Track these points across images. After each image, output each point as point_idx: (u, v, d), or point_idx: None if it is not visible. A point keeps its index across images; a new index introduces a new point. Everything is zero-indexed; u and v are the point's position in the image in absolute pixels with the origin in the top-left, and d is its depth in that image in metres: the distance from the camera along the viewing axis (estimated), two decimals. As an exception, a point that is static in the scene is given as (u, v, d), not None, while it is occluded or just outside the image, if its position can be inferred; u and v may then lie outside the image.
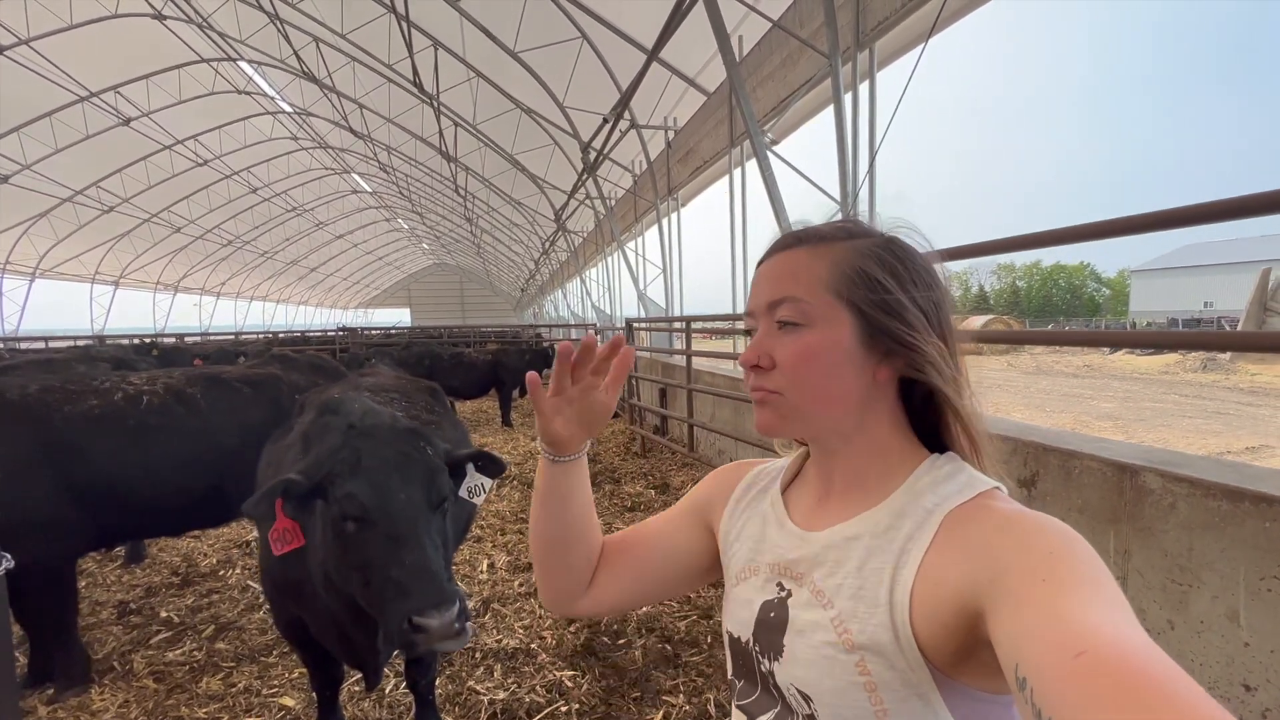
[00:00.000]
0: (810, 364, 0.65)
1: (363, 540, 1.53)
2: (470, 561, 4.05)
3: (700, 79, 7.77)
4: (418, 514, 1.56)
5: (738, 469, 0.88)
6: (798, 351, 0.66)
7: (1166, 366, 19.03)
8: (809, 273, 0.66)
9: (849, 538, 0.65)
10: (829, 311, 0.65)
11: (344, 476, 1.56)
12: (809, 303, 0.65)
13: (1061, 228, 2.10)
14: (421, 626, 1.41)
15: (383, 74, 12.06)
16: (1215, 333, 2.42)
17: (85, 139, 15.40)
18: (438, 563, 1.53)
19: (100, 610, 3.49)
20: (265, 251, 29.67)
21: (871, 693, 0.59)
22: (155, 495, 2.81)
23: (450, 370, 9.87)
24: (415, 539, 1.52)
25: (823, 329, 0.65)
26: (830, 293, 0.65)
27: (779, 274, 0.68)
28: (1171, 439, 9.05)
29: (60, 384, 2.81)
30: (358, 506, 1.53)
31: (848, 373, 0.65)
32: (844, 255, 0.66)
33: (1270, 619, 1.54)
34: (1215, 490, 1.66)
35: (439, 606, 1.43)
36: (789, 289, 0.66)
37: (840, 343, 0.65)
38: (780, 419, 0.68)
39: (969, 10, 4.23)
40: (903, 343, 0.64)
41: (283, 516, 1.56)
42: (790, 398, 0.67)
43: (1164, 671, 0.37)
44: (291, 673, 2.81)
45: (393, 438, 1.67)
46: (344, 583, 1.61)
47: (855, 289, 0.65)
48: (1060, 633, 0.42)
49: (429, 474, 1.64)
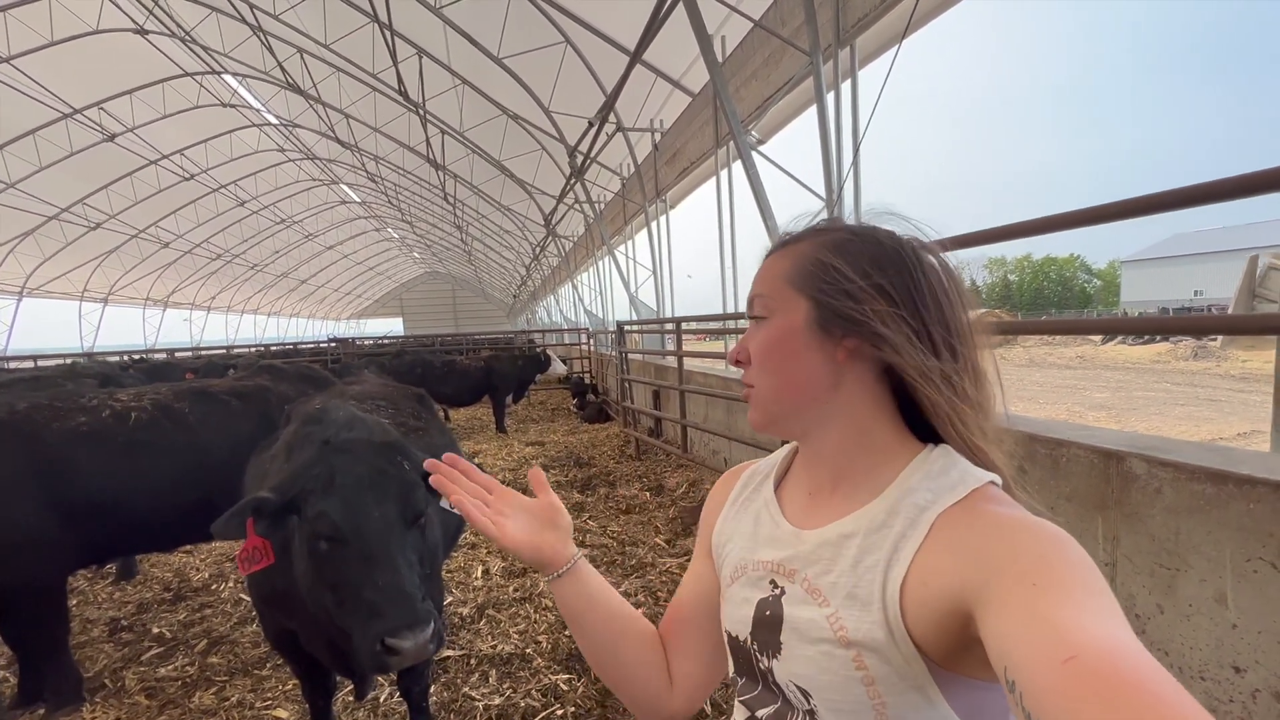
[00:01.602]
0: (770, 351, 0.69)
1: (336, 559, 1.51)
2: (465, 568, 4.03)
3: (685, 80, 7.78)
4: (392, 532, 1.53)
5: (732, 476, 0.88)
6: (760, 341, 0.71)
7: (1158, 355, 19.16)
8: (775, 270, 0.71)
9: (843, 535, 0.65)
10: (786, 303, 0.69)
11: (317, 494, 1.53)
12: (769, 297, 0.70)
13: (1051, 215, 2.06)
14: (394, 648, 1.39)
15: (368, 83, 12.05)
16: (1209, 316, 2.44)
17: (69, 156, 15.29)
18: (412, 582, 1.50)
19: (91, 628, 3.45)
20: (255, 264, 29.51)
21: (869, 686, 0.59)
22: (146, 511, 2.79)
23: (442, 378, 9.84)
24: (389, 558, 1.49)
25: (780, 318, 0.69)
26: (789, 285, 0.69)
27: (757, 278, 0.74)
28: (1164, 427, 9.11)
29: (48, 402, 2.79)
30: (330, 526, 1.50)
31: (808, 356, 0.67)
32: (805, 250, 0.69)
33: (1257, 600, 1.55)
34: (1200, 474, 1.67)
35: (412, 627, 1.40)
36: (757, 288, 0.72)
37: (795, 327, 0.68)
38: (761, 412, 0.71)
39: (946, 7, 4.25)
40: (852, 319, 0.65)
41: (253, 535, 1.52)
42: (760, 387, 0.71)
43: (1153, 677, 0.37)
44: (285, 684, 2.79)
45: (368, 453, 1.64)
46: (317, 600, 1.58)
47: (810, 278, 0.67)
48: (1049, 637, 0.42)
49: (404, 490, 1.61)
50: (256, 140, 18.93)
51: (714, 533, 0.83)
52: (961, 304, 0.67)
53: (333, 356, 13.53)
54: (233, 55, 12.92)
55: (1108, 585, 0.48)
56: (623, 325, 8.39)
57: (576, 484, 6.00)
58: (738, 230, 7.72)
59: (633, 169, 9.73)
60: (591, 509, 5.18)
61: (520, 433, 9.48)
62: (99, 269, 22.43)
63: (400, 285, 48.98)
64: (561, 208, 12.97)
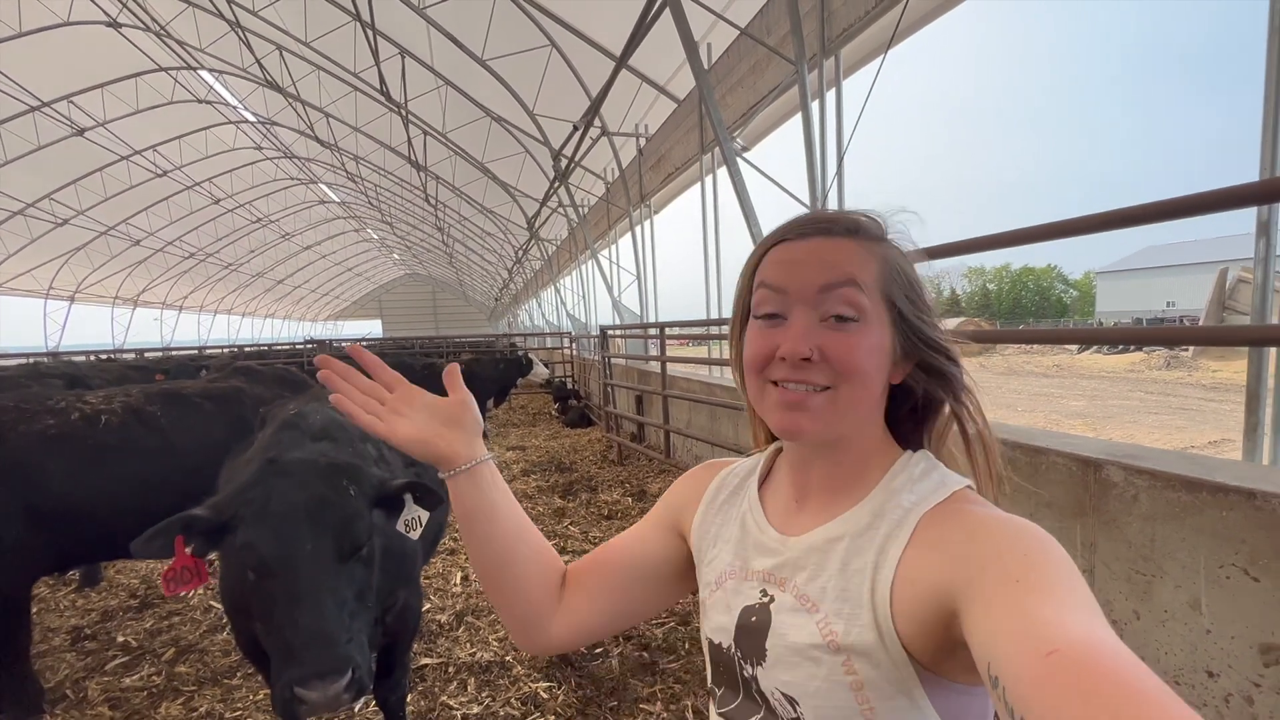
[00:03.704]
0: (870, 360, 0.62)
1: (262, 593, 1.43)
2: (443, 575, 3.97)
3: (670, 86, 7.81)
4: (322, 569, 1.44)
5: (707, 470, 0.86)
6: (862, 348, 0.62)
7: (1132, 365, 19.64)
8: (864, 265, 0.63)
9: (830, 539, 0.65)
10: (879, 310, 0.63)
11: (248, 521, 1.45)
12: (865, 295, 0.62)
13: (1026, 227, 2.13)
14: (301, 698, 1.32)
15: (349, 83, 11.91)
16: (1185, 328, 2.51)
17: (37, 150, 14.90)
18: (336, 624, 1.41)
19: (52, 636, 3.34)
20: (230, 264, 28.99)
21: (858, 691, 0.59)
22: (115, 517, 2.69)
23: (422, 381, 9.27)
24: (314, 598, 1.40)
25: (877, 327, 0.63)
26: (879, 291, 0.64)
27: (836, 259, 0.63)
28: (1139, 435, 9.32)
29: (14, 404, 2.69)
30: (255, 558, 1.42)
31: (883, 375, 0.65)
32: (888, 254, 0.65)
33: (1230, 606, 1.57)
34: (1175, 481, 1.70)
35: (324, 677, 1.32)
36: (853, 272, 0.62)
37: (885, 344, 0.64)
38: (828, 424, 0.63)
39: (930, 20, 4.32)
40: (934, 347, 0.65)
41: (182, 554, 1.44)
42: (843, 395, 0.62)
43: (1133, 671, 0.38)
44: (256, 694, 2.72)
45: (310, 478, 1.53)
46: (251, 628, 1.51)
47: (895, 289, 0.64)
48: (1031, 632, 0.43)
49: (344, 521, 1.50)
50: (233, 137, 18.61)
51: (693, 527, 0.81)
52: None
53: (309, 359, 13.32)
54: (209, 51, 12.70)
55: (1085, 582, 0.48)
56: (606, 330, 8.38)
57: (558, 489, 5.96)
58: (722, 236, 7.77)
59: (617, 173, 9.75)
60: (573, 514, 5.14)
61: (501, 437, 9.40)
62: (65, 266, 21.87)
63: (379, 286, 48.47)
64: (545, 211, 12.95)
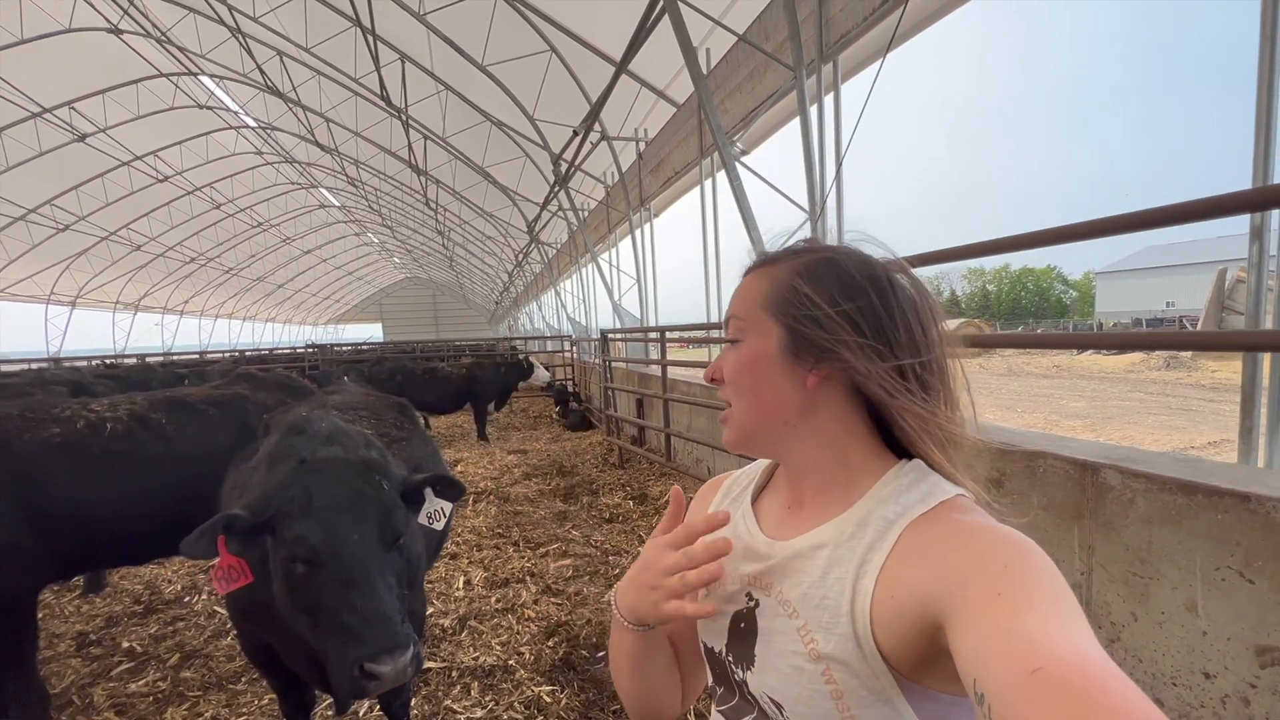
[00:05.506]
0: (742, 374, 0.71)
1: (313, 583, 1.48)
2: (446, 579, 3.99)
3: (670, 90, 7.83)
4: (370, 556, 1.50)
5: (712, 486, 0.89)
6: (734, 363, 0.72)
7: (1131, 365, 19.61)
8: (751, 292, 0.72)
9: (813, 546, 0.66)
10: (761, 326, 0.70)
11: (294, 516, 1.50)
12: (744, 319, 0.72)
13: (1027, 232, 2.17)
14: (373, 673, 1.38)
15: (349, 88, 11.94)
16: (1185, 332, 2.55)
17: (38, 155, 14.92)
18: (391, 606, 1.48)
19: (58, 642, 3.36)
20: (230, 268, 29.00)
21: (838, 700, 0.60)
22: (120, 523, 2.71)
23: (423, 385, 9.74)
24: (368, 582, 1.47)
25: (753, 341, 0.70)
26: (763, 309, 0.70)
27: (734, 298, 0.75)
28: (1139, 436, 9.30)
29: (19, 412, 2.71)
30: (308, 549, 1.47)
31: (779, 381, 0.68)
32: (781, 273, 0.70)
33: (1226, 608, 1.59)
34: (1171, 485, 1.72)
35: (391, 652, 1.39)
36: (733, 309, 0.74)
37: (767, 352, 0.69)
38: (734, 433, 0.72)
39: (928, 24, 4.34)
40: (821, 348, 0.66)
41: (226, 554, 1.49)
42: (735, 408, 0.72)
43: (1119, 688, 0.38)
44: (261, 699, 2.73)
45: (346, 474, 1.60)
46: (291, 622, 1.55)
47: (784, 304, 0.68)
48: (1016, 649, 0.43)
49: (383, 512, 1.58)
50: (234, 143, 18.63)
51: None
52: (935, 326, 0.67)
53: (310, 363, 13.34)
54: (210, 57, 12.72)
55: (1071, 591, 0.49)
56: (606, 333, 8.40)
57: (560, 493, 5.97)
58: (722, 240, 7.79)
59: (617, 177, 9.77)
60: (574, 518, 5.15)
61: (502, 441, 9.41)
62: (67, 271, 21.87)
63: (380, 290, 48.44)
64: (545, 215, 12.96)
